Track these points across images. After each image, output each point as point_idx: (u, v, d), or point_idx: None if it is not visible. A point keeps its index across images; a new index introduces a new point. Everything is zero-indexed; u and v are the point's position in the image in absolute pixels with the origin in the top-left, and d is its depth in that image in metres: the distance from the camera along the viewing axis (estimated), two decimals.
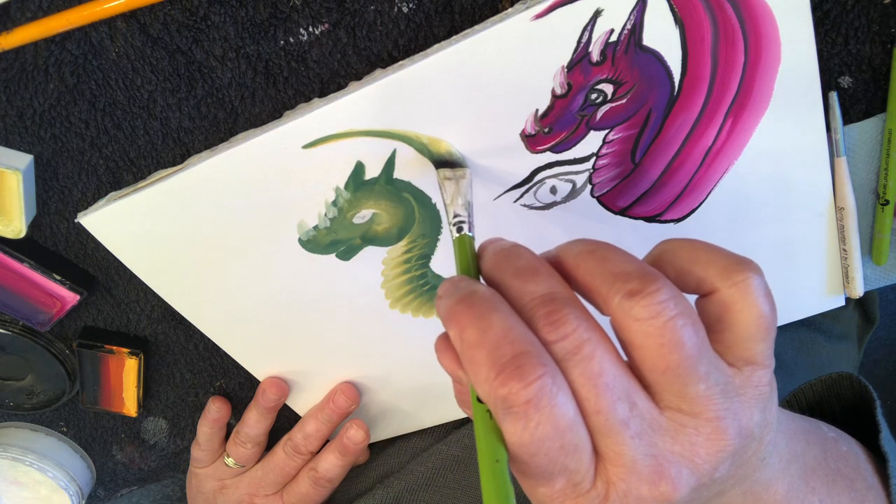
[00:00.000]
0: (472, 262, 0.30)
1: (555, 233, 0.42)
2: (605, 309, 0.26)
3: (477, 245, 0.31)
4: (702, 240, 0.28)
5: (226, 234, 0.42)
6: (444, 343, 0.28)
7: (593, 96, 0.37)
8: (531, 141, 0.38)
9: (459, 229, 0.32)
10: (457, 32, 0.36)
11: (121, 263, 0.43)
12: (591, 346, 0.25)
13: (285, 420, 0.54)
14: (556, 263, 0.28)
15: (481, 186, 0.40)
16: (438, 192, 0.40)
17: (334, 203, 0.41)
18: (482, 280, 0.29)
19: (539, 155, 0.39)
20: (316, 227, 0.42)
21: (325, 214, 0.41)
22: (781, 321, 0.49)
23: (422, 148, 0.38)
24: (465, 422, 0.53)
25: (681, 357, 0.25)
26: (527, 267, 0.27)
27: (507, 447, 0.25)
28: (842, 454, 0.36)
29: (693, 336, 0.25)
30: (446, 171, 0.37)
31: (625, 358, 0.27)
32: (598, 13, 0.34)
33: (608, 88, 0.37)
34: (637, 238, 0.43)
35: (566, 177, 0.40)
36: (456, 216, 0.33)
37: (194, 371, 0.52)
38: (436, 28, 0.37)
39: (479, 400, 0.26)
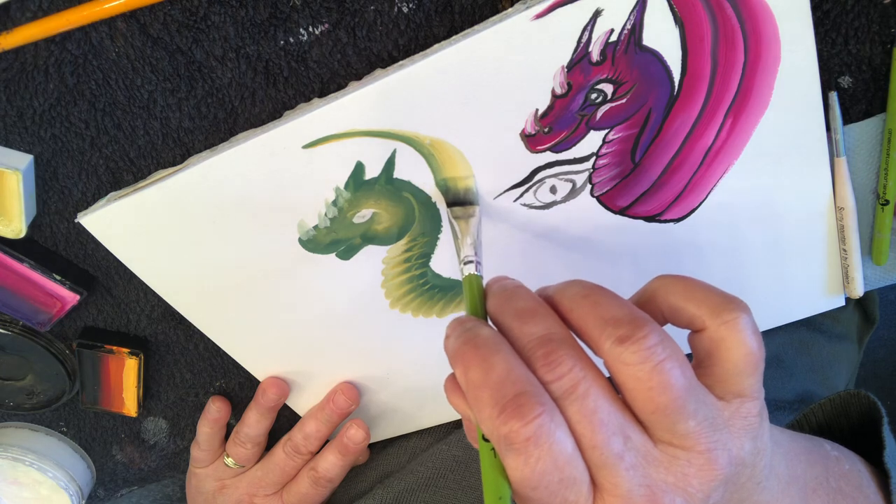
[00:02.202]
0: (480, 301, 0.32)
1: (555, 232, 0.42)
2: (597, 352, 0.28)
3: (486, 279, 0.33)
4: (695, 278, 0.30)
5: (226, 234, 0.42)
6: (453, 383, 0.30)
7: (593, 96, 0.37)
8: (531, 140, 0.38)
9: (467, 269, 0.35)
10: (457, 32, 0.37)
11: (121, 263, 0.43)
12: (586, 384, 0.27)
13: (285, 420, 0.54)
14: (552, 304, 0.30)
15: (482, 186, 0.40)
16: (438, 193, 0.40)
17: (334, 203, 0.41)
18: (489, 318, 0.31)
19: (539, 154, 0.39)
20: (316, 227, 0.42)
21: (325, 214, 0.41)
22: (781, 321, 0.49)
23: (441, 183, 0.40)
24: None
25: (669, 398, 0.26)
26: (526, 309, 0.29)
27: (510, 483, 0.27)
28: (844, 473, 0.37)
29: (680, 377, 0.26)
30: (457, 210, 0.39)
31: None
32: (597, 13, 0.34)
33: (608, 88, 0.37)
34: (637, 238, 0.43)
35: (566, 176, 0.40)
36: (465, 256, 0.36)
37: (194, 371, 0.52)
38: (436, 28, 0.37)
39: (484, 438, 0.28)
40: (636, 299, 0.32)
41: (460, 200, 0.39)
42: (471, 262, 0.35)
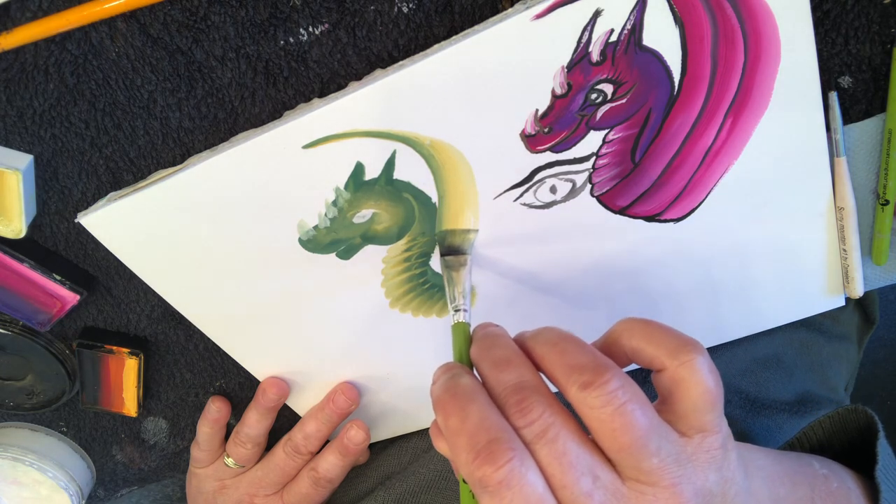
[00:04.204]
0: (465, 348, 0.35)
1: (555, 232, 0.42)
2: (566, 397, 0.30)
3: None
4: (656, 321, 0.32)
5: (226, 234, 0.42)
6: (437, 428, 0.33)
7: (593, 96, 0.37)
8: (531, 141, 0.38)
9: (457, 317, 0.37)
10: (457, 32, 0.37)
11: (121, 263, 0.43)
12: (555, 429, 0.29)
13: (285, 420, 0.54)
14: (527, 350, 0.32)
15: (482, 186, 0.40)
16: (437, 199, 0.41)
17: (334, 203, 0.41)
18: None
19: (539, 154, 0.39)
20: (316, 227, 0.42)
21: (325, 214, 0.41)
22: (781, 321, 0.49)
23: (440, 234, 0.42)
24: None
25: (632, 438, 0.28)
26: (503, 358, 0.31)
27: None
28: (832, 492, 0.39)
29: (642, 417, 0.28)
30: (449, 259, 0.42)
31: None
32: (598, 13, 0.34)
33: (608, 88, 0.37)
34: (636, 237, 0.43)
35: (566, 176, 0.40)
36: (455, 304, 0.38)
37: (194, 371, 0.52)
38: (436, 28, 0.37)
39: (464, 480, 0.30)
40: (603, 341, 0.33)
41: (454, 251, 0.42)
42: (459, 310, 0.38)
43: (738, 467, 0.31)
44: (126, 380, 0.50)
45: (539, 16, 0.34)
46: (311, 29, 0.37)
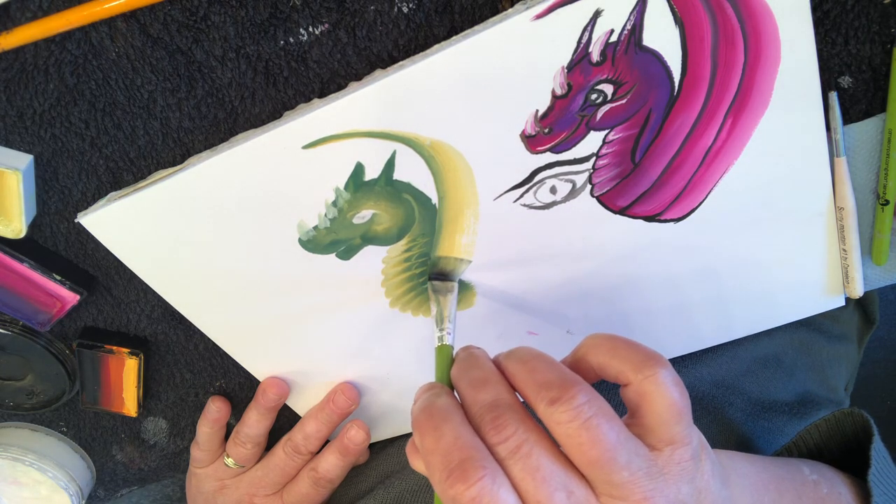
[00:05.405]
0: (447, 368, 0.36)
1: (555, 232, 0.42)
2: (537, 413, 0.30)
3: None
4: (621, 336, 0.32)
5: (226, 234, 0.42)
6: (413, 447, 0.33)
7: (593, 96, 0.37)
8: (531, 141, 0.38)
9: (441, 339, 0.39)
10: (457, 32, 0.37)
11: (121, 263, 0.43)
12: (528, 445, 0.29)
13: (285, 420, 0.54)
14: (502, 370, 0.33)
15: (482, 187, 0.40)
16: (437, 200, 0.41)
17: (334, 203, 0.41)
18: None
19: (539, 155, 0.39)
20: (316, 227, 0.42)
21: (325, 215, 0.41)
22: (782, 321, 0.49)
23: (434, 259, 0.44)
24: None
25: (601, 451, 0.28)
26: (479, 378, 0.32)
27: None
28: (821, 497, 0.39)
29: (609, 431, 0.29)
30: (436, 284, 0.44)
31: None
32: (598, 13, 0.34)
33: (608, 89, 0.37)
34: (636, 237, 0.43)
35: (566, 177, 0.40)
36: (440, 327, 0.40)
37: (194, 371, 0.52)
38: (436, 28, 0.37)
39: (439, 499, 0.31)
40: (572, 358, 0.34)
41: (444, 276, 0.44)
42: (443, 332, 0.39)
43: (712, 477, 0.32)
44: (126, 380, 0.50)
45: (539, 16, 0.34)
46: (311, 29, 0.37)
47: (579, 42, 0.35)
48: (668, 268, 0.45)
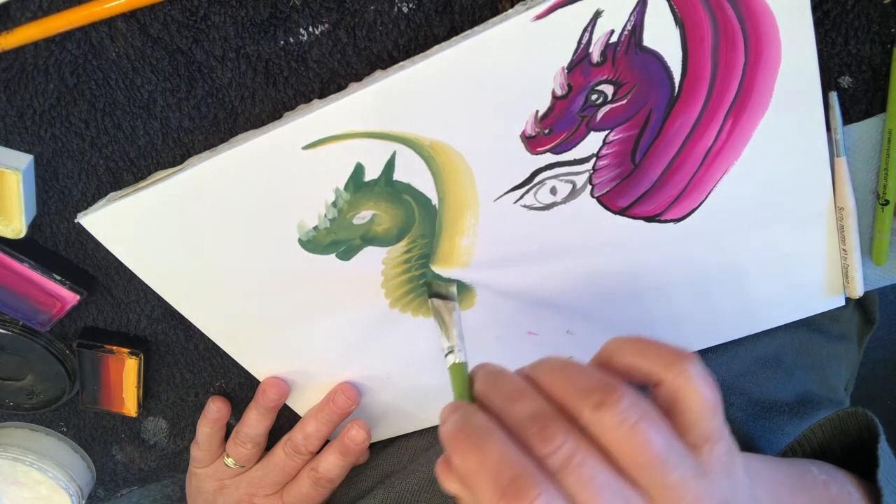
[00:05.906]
0: (466, 387, 0.34)
1: (555, 233, 0.42)
2: (579, 421, 0.29)
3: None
4: (644, 336, 0.32)
5: (226, 235, 0.42)
6: (445, 466, 0.31)
7: (593, 97, 0.37)
8: (531, 142, 0.38)
9: (454, 358, 0.38)
10: (457, 33, 0.36)
11: (121, 263, 0.43)
12: (580, 454, 0.28)
13: (285, 420, 0.54)
14: (531, 382, 0.32)
15: (482, 187, 0.40)
16: (437, 201, 0.41)
17: (334, 204, 0.41)
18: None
19: (539, 156, 0.39)
20: (316, 228, 0.42)
21: (325, 215, 0.41)
22: (781, 321, 0.49)
23: (427, 283, 0.44)
24: None
25: (652, 455, 0.28)
26: (514, 390, 0.31)
27: None
28: (832, 497, 0.39)
29: (657, 434, 0.28)
30: (437, 301, 0.43)
31: None
32: (598, 14, 0.34)
33: (608, 89, 0.37)
34: (636, 238, 0.43)
35: (566, 177, 0.40)
36: (449, 346, 0.39)
37: (194, 371, 0.52)
38: (436, 28, 0.37)
39: None
40: (596, 363, 0.33)
41: (441, 296, 0.44)
42: (453, 350, 0.38)
43: (744, 472, 0.31)
44: (126, 380, 0.50)
45: (539, 16, 0.34)
46: (311, 29, 0.37)
47: (579, 42, 0.35)
48: (667, 268, 0.45)
